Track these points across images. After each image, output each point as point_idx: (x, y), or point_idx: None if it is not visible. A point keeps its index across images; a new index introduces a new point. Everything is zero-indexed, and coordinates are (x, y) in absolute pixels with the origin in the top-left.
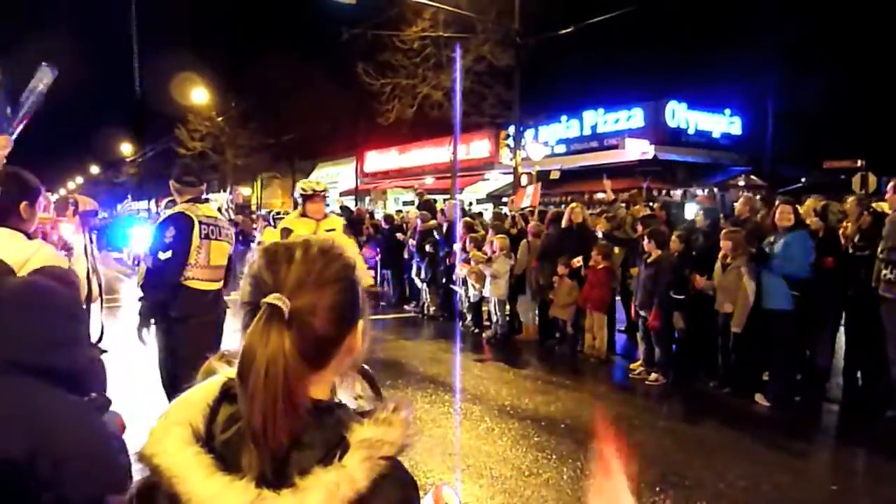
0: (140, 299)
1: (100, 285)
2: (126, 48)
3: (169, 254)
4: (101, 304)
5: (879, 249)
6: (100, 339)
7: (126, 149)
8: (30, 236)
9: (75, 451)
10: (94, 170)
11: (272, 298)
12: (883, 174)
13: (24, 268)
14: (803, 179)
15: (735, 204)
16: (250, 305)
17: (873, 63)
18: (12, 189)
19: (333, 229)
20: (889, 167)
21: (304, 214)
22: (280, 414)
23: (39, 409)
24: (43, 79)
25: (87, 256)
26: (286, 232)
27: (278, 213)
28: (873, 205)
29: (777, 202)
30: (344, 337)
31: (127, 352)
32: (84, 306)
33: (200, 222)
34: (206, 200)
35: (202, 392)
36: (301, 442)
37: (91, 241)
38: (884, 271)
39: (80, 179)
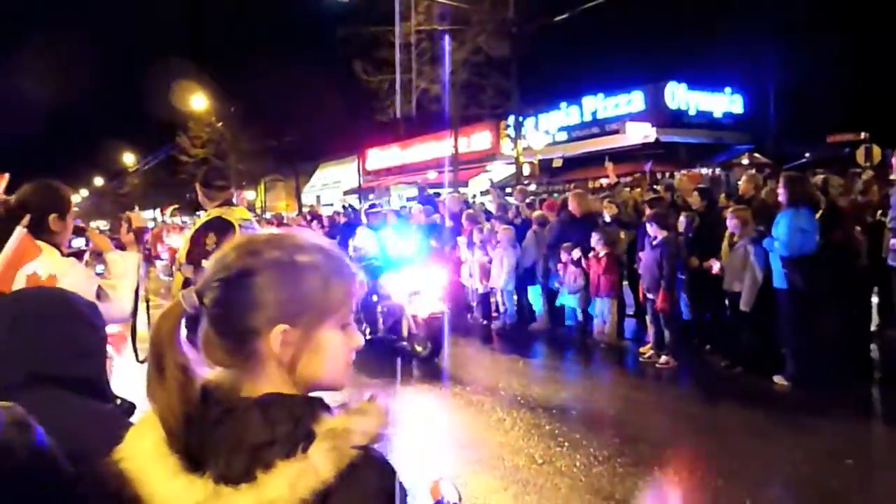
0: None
1: (147, 302)
2: (125, 60)
3: None
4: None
5: (889, 219)
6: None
7: (128, 159)
8: (62, 251)
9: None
10: (98, 181)
11: (182, 293)
12: (887, 146)
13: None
14: (807, 154)
15: (739, 182)
16: None
17: (874, 35)
18: (41, 200)
19: None
20: (894, 139)
21: None
22: (156, 389)
23: (66, 420)
24: None
25: (137, 274)
26: None
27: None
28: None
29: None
30: (249, 337)
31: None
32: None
33: (241, 226)
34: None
35: None
36: (268, 439)
37: (144, 259)
38: (893, 240)
39: (84, 192)
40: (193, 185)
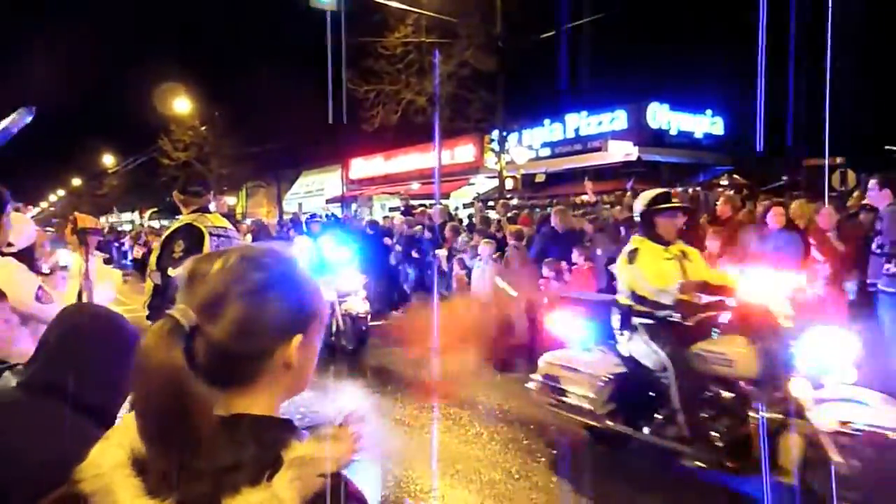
0: (148, 318)
1: None
2: (108, 60)
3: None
4: None
5: (876, 245)
6: None
7: (108, 160)
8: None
9: None
10: (77, 182)
11: (175, 311)
12: (862, 171)
13: None
14: (784, 178)
15: (717, 203)
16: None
17: (851, 62)
18: None
19: None
20: (868, 164)
21: None
22: (172, 431)
23: (60, 439)
24: (18, 120)
25: (81, 275)
26: None
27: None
28: (849, 204)
29: (767, 203)
30: (270, 353)
31: None
32: None
33: (211, 234)
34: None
35: None
36: (234, 462)
37: (86, 260)
38: (886, 265)
39: (61, 192)
40: (173, 188)
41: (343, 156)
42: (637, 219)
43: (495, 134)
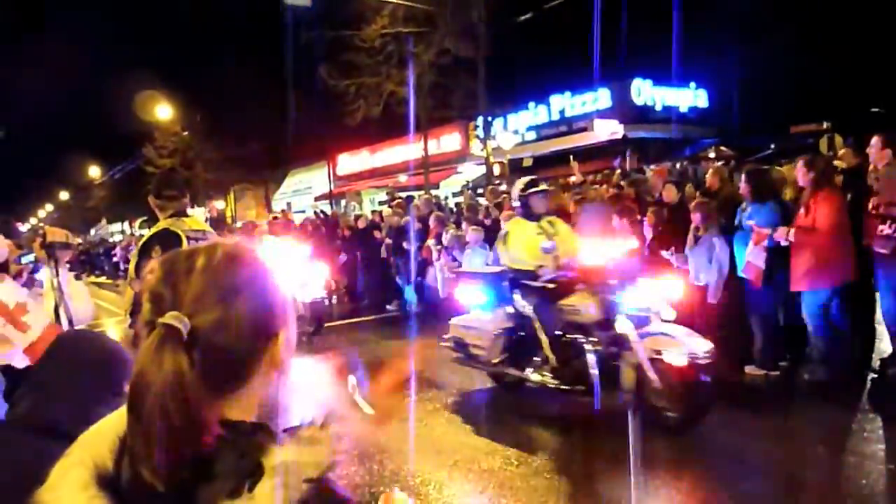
0: (130, 326)
1: (70, 321)
2: (84, 70)
3: None
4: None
5: (873, 205)
6: None
7: (94, 171)
8: None
9: None
10: (64, 196)
11: (168, 318)
12: (849, 135)
13: None
14: (772, 146)
15: (706, 176)
16: (150, 325)
17: (834, 26)
18: None
19: None
20: (855, 127)
21: None
22: (181, 446)
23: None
24: None
25: (55, 291)
26: None
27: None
28: (836, 162)
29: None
30: (262, 351)
31: None
32: None
33: (188, 237)
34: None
35: (112, 423)
36: (210, 473)
37: (56, 275)
38: (881, 227)
39: (49, 207)
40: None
41: (329, 152)
42: None
43: (480, 120)
